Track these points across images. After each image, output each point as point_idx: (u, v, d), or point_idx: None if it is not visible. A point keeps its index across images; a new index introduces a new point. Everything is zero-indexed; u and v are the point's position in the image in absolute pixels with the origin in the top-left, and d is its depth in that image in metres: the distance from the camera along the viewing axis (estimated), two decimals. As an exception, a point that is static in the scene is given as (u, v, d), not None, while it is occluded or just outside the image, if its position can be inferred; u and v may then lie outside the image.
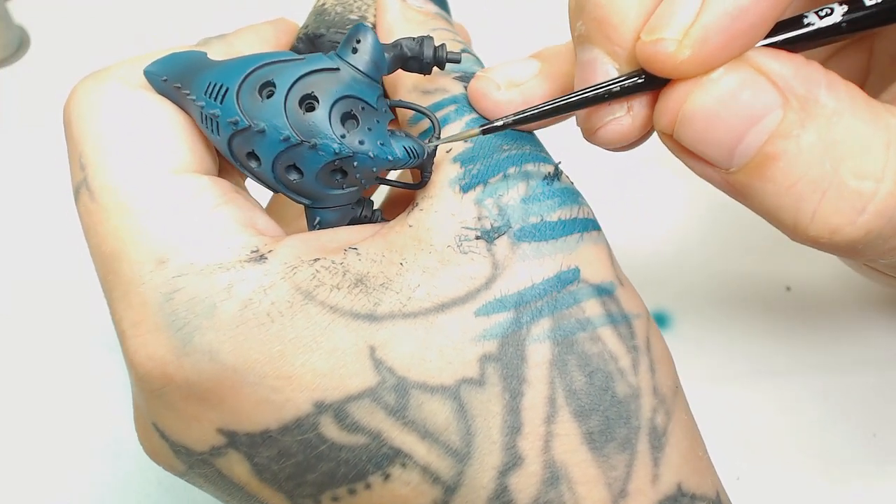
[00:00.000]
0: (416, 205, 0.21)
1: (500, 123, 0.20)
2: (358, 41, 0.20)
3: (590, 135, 0.21)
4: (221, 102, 0.19)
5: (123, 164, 0.20)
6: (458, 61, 0.22)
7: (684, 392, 0.22)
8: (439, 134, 0.21)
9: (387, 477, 0.18)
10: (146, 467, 0.33)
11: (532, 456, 0.18)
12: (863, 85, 0.25)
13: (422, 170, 0.21)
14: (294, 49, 0.25)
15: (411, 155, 0.20)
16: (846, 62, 0.25)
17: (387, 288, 0.19)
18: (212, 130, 0.20)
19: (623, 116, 0.20)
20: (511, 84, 0.22)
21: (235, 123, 0.19)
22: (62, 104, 0.50)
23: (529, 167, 0.21)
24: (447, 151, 0.21)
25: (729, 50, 0.18)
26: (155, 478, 0.33)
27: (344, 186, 0.20)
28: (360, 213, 0.22)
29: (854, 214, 0.18)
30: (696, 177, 0.43)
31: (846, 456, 0.34)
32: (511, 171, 0.21)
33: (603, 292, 0.20)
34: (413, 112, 0.22)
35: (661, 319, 0.38)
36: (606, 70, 0.19)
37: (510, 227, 0.20)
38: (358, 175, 0.20)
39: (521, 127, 0.21)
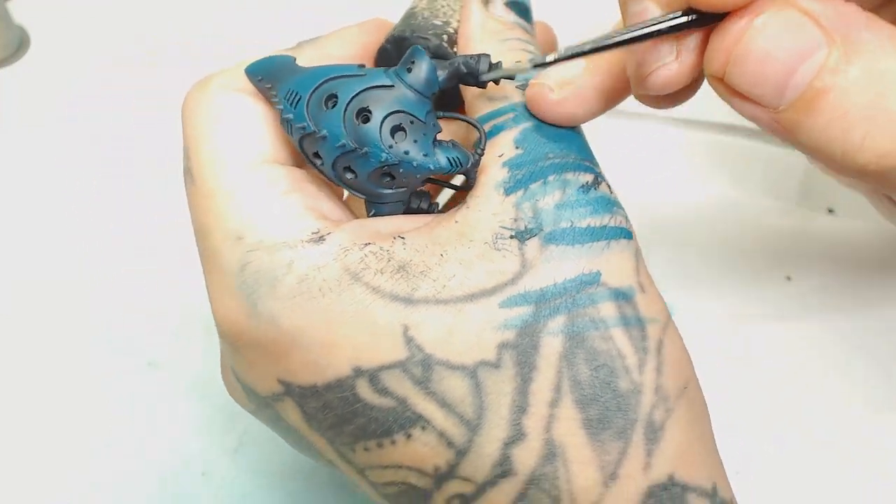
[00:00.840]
0: (465, 203, 0.23)
1: (550, 59, 0.23)
2: (413, 62, 0.23)
3: (639, 83, 0.22)
4: (295, 108, 0.23)
5: (215, 154, 0.24)
6: (512, 78, 0.24)
7: (700, 391, 0.23)
8: (484, 145, 0.23)
9: (409, 436, 0.21)
10: (146, 468, 0.33)
11: (534, 433, 0.21)
12: None
13: (466, 175, 0.24)
14: (382, 49, 0.27)
15: (454, 164, 0.23)
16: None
17: (425, 276, 0.22)
18: (288, 130, 0.23)
19: (671, 62, 0.22)
20: (563, 84, 0.24)
21: (304, 128, 0.22)
22: (62, 104, 0.51)
23: (569, 175, 0.23)
24: (499, 156, 0.23)
25: None
26: (156, 478, 0.33)
27: (393, 187, 0.23)
28: (417, 205, 0.25)
29: None
30: (691, 169, 0.44)
31: (845, 451, 0.34)
32: (551, 178, 0.23)
33: (621, 296, 0.22)
34: (477, 115, 0.25)
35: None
36: (657, 10, 0.21)
37: (542, 230, 0.22)
38: (405, 179, 0.23)
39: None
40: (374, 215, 0.24)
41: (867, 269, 0.40)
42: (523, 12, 0.28)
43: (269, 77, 0.24)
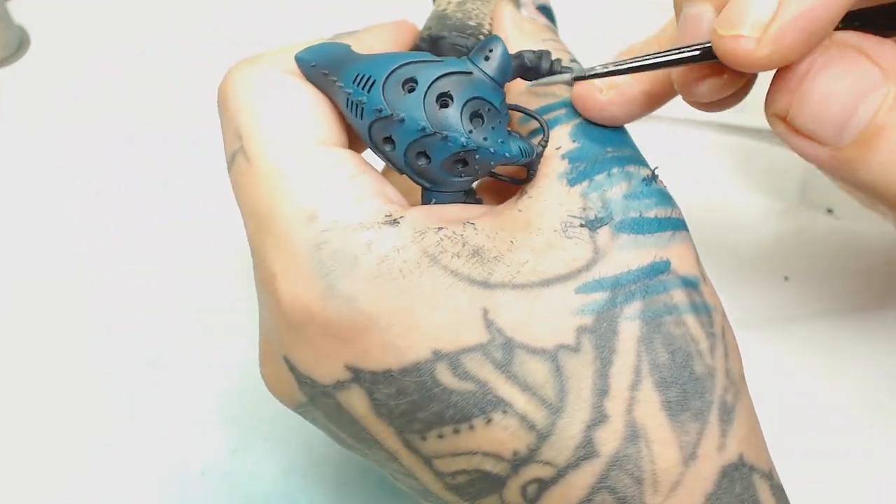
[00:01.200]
0: (526, 193, 0.24)
1: (591, 73, 0.24)
2: (490, 50, 0.23)
3: (686, 91, 0.23)
4: (369, 91, 0.22)
5: (277, 134, 0.23)
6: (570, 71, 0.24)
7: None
8: (547, 137, 0.24)
9: (489, 421, 0.21)
10: (145, 467, 0.33)
11: (616, 415, 0.21)
12: None
13: (529, 167, 0.24)
14: (417, 48, 0.28)
15: (524, 154, 0.23)
16: None
17: (499, 261, 0.22)
18: (356, 115, 0.23)
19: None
20: (611, 85, 0.24)
21: (380, 111, 0.22)
22: (62, 104, 0.51)
23: (631, 168, 0.24)
24: (556, 148, 0.24)
25: (806, 45, 0.20)
26: (154, 477, 0.33)
27: (462, 175, 0.23)
28: (466, 201, 0.25)
29: None
30: (689, 168, 0.44)
31: (844, 451, 0.34)
32: (615, 170, 0.23)
33: (689, 284, 0.23)
34: (532, 107, 0.25)
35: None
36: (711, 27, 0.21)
37: (612, 219, 0.22)
38: (477, 167, 0.23)
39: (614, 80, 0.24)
40: (431, 204, 0.24)
41: (865, 269, 0.40)
42: (550, 17, 0.29)
43: (327, 63, 0.24)
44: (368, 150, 0.24)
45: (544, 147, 0.24)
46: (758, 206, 0.43)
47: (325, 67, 0.24)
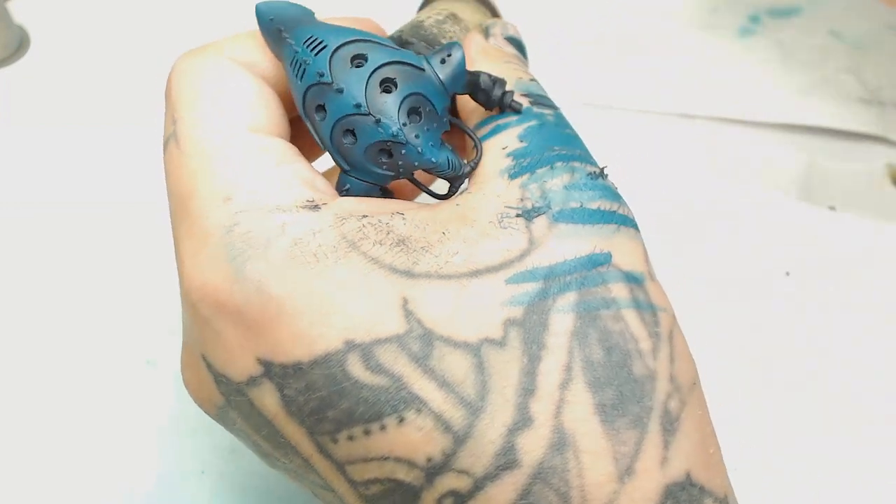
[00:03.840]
0: (467, 189, 0.23)
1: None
2: (448, 55, 0.23)
3: None
4: (316, 55, 0.22)
5: (208, 119, 0.23)
6: (518, 112, 0.24)
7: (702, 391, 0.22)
8: (479, 157, 0.23)
9: (401, 420, 0.19)
10: (143, 466, 0.33)
11: (542, 419, 0.19)
12: None
13: (452, 182, 0.23)
14: None
15: (450, 166, 0.22)
16: None
17: (426, 251, 0.21)
18: (297, 75, 0.22)
19: None
20: None
21: (321, 76, 0.22)
22: (62, 104, 0.51)
23: (576, 164, 0.22)
24: (503, 148, 0.23)
25: None
26: (153, 476, 0.33)
27: (383, 167, 0.22)
28: (382, 196, 0.24)
29: None
30: (690, 163, 0.43)
31: (847, 446, 0.34)
32: (558, 164, 0.22)
33: (632, 279, 0.21)
34: (480, 119, 0.24)
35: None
36: None
37: (549, 209, 0.21)
38: (400, 162, 0.22)
39: None
40: (346, 191, 0.23)
41: (866, 265, 0.40)
42: (521, 49, 0.28)
43: (284, 20, 0.23)
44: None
45: (473, 168, 0.23)
46: (759, 201, 0.43)
47: (281, 23, 0.23)
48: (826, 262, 0.40)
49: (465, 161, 0.23)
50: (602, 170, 0.23)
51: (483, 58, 0.26)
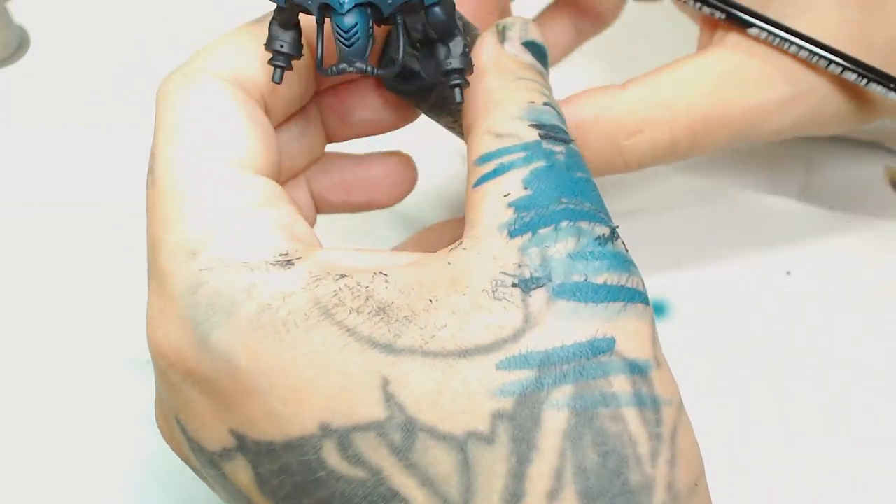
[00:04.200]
0: (461, 243, 0.20)
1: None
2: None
3: None
4: None
5: (182, 154, 0.21)
6: (458, 87, 0.22)
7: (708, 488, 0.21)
8: (470, 44, 0.23)
9: None
10: (143, 466, 0.33)
11: None
12: None
13: (452, 80, 0.22)
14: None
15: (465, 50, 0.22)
16: None
17: (410, 321, 0.18)
18: None
19: None
20: None
21: None
22: (62, 104, 0.51)
23: (583, 224, 0.20)
24: (504, 196, 0.20)
25: None
26: (153, 476, 0.33)
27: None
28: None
29: None
30: (690, 163, 0.43)
31: (847, 444, 0.34)
32: (563, 224, 0.20)
33: (636, 370, 0.19)
34: (483, 153, 0.22)
35: (659, 307, 0.38)
36: None
37: (550, 281, 0.19)
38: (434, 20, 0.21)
39: None
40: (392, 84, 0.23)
41: (866, 264, 0.40)
42: (540, 56, 0.26)
43: None
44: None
45: (465, 53, 0.22)
46: (759, 202, 0.43)
47: None
48: (826, 262, 0.40)
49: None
50: (613, 230, 0.20)
51: (494, 70, 0.24)
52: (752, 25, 0.29)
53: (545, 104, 0.23)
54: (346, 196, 0.29)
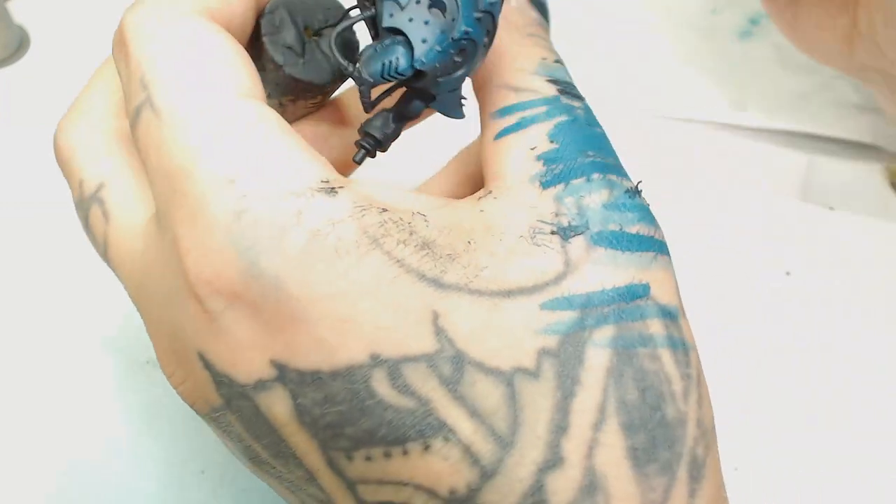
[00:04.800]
0: (490, 192, 0.21)
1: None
2: None
3: None
4: None
5: (190, 83, 0.20)
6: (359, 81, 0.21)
7: None
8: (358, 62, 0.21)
9: (427, 447, 0.18)
10: (144, 466, 0.33)
11: (574, 459, 0.18)
12: None
13: (360, 88, 0.21)
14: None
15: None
16: None
17: (453, 260, 0.19)
18: None
19: None
20: None
21: None
22: (62, 104, 0.50)
23: (613, 177, 0.21)
24: (531, 149, 0.21)
25: None
26: (153, 476, 0.33)
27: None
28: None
29: None
30: (690, 164, 0.43)
31: (846, 446, 0.34)
32: (595, 176, 0.20)
33: (668, 315, 0.20)
34: (502, 105, 0.22)
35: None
36: None
37: (588, 229, 0.20)
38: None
39: None
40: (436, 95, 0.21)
41: (866, 265, 0.40)
42: (544, 12, 0.26)
43: None
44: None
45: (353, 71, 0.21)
46: (759, 203, 0.43)
47: None
48: (826, 262, 0.40)
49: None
50: (637, 186, 0.21)
51: (504, 25, 0.23)
52: None
53: (556, 61, 0.24)
54: None
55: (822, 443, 0.34)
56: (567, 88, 0.23)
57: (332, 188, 0.19)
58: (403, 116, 0.23)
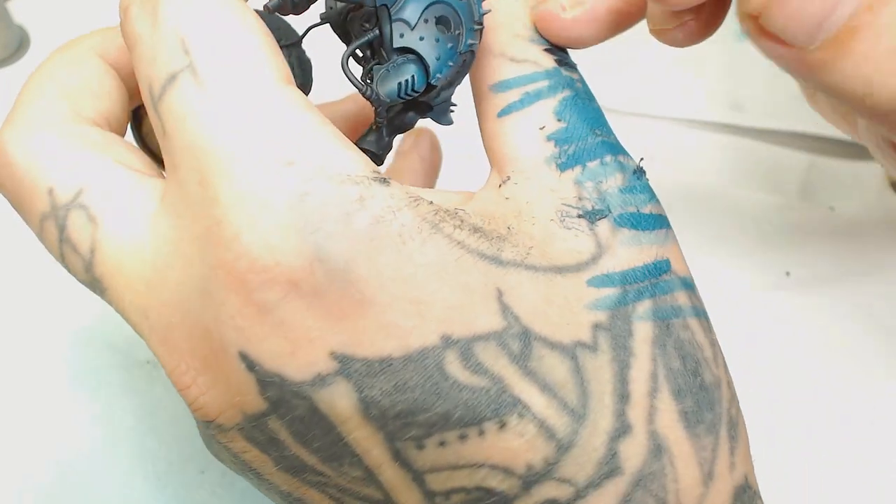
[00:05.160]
0: (509, 178, 0.21)
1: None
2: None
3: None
4: None
5: (237, 60, 0.19)
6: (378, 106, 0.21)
7: None
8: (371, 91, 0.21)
9: (502, 425, 0.18)
10: (144, 466, 0.33)
11: (639, 426, 0.19)
12: None
13: (377, 108, 0.21)
14: None
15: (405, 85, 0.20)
16: None
17: (504, 240, 0.19)
18: None
19: None
20: (576, 3, 0.22)
21: None
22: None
23: (622, 159, 0.22)
24: (540, 128, 0.21)
25: None
26: (154, 476, 0.33)
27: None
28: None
29: None
30: (690, 165, 0.43)
31: (845, 446, 0.34)
32: (608, 158, 0.21)
33: (688, 286, 0.21)
34: (502, 79, 0.22)
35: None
36: None
37: (610, 212, 0.21)
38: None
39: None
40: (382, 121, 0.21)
41: (866, 265, 0.40)
42: None
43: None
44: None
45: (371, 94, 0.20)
46: (759, 203, 0.43)
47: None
48: (826, 262, 0.40)
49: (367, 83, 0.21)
50: (640, 164, 0.22)
51: None
52: None
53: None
54: None
55: (822, 442, 0.34)
56: (564, 59, 0.23)
57: (384, 178, 0.18)
58: (398, 129, 0.23)
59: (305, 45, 0.25)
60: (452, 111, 0.23)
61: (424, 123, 0.26)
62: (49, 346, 0.37)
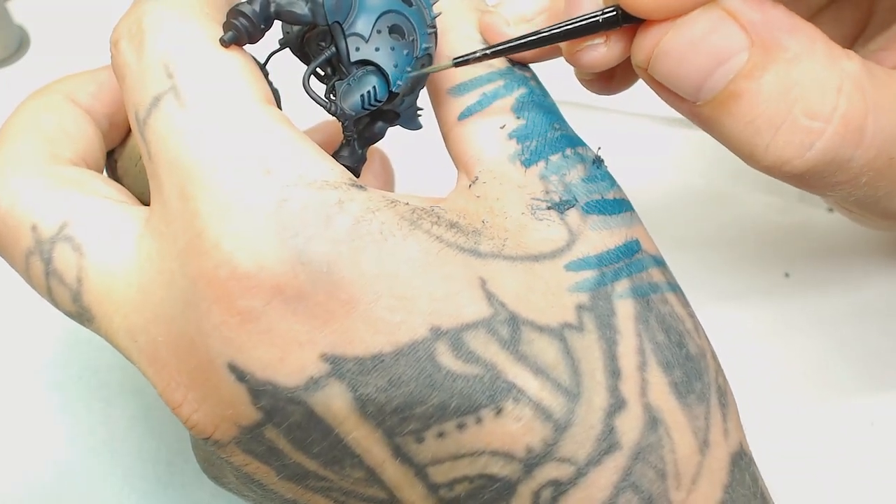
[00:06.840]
0: (476, 178, 0.22)
1: (476, 55, 0.22)
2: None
3: (569, 56, 0.22)
4: None
5: (216, 81, 0.20)
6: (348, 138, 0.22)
7: None
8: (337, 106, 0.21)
9: (499, 411, 0.18)
10: (145, 465, 0.33)
11: (633, 399, 0.20)
12: (861, 30, 0.26)
13: (343, 123, 0.21)
14: None
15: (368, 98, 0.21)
16: (847, 9, 0.26)
17: (479, 234, 0.20)
18: None
19: (600, 45, 0.21)
20: (521, 19, 0.23)
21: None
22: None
23: (581, 150, 0.22)
24: (501, 127, 0.22)
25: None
26: (154, 475, 0.33)
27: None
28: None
29: (803, 150, 0.19)
30: (689, 166, 0.43)
31: (844, 446, 0.34)
32: (568, 151, 0.22)
33: (659, 263, 0.22)
34: (458, 82, 0.23)
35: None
36: (594, 1, 0.20)
37: (577, 202, 0.21)
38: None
39: (515, 56, 0.23)
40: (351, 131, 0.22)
41: (865, 266, 0.40)
42: None
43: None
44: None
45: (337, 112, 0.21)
46: (758, 204, 0.43)
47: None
48: (826, 262, 0.40)
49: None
50: (598, 154, 0.23)
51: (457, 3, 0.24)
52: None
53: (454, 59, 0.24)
54: None
55: (821, 442, 0.34)
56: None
57: (360, 185, 0.19)
58: (369, 140, 0.23)
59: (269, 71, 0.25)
60: (420, 115, 0.23)
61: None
62: (49, 346, 0.37)
